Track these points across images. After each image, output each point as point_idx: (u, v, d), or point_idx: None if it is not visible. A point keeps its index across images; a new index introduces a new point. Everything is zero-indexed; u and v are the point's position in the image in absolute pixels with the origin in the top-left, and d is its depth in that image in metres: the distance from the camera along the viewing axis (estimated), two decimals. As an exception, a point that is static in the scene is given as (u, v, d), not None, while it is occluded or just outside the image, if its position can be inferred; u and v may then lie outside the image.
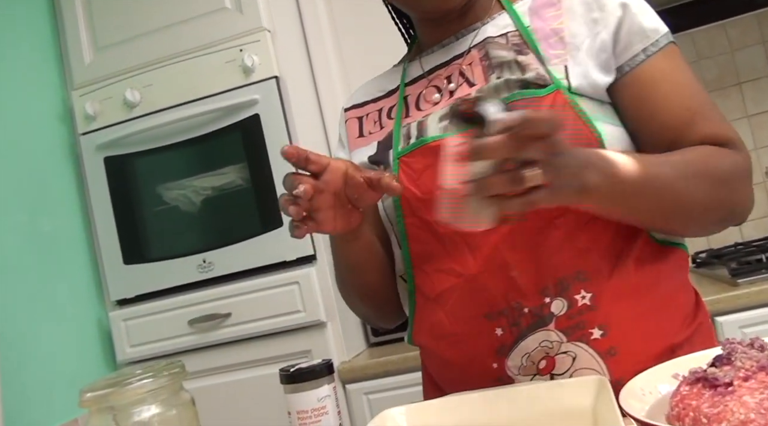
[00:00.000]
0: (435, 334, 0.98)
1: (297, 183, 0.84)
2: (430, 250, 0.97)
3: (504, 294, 0.91)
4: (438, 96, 1.02)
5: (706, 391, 0.62)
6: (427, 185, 0.94)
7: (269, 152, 2.01)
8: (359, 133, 1.10)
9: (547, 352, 0.90)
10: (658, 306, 0.92)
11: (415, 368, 1.87)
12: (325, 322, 1.97)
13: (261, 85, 2.03)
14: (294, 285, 1.97)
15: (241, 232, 2.03)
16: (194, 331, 2.05)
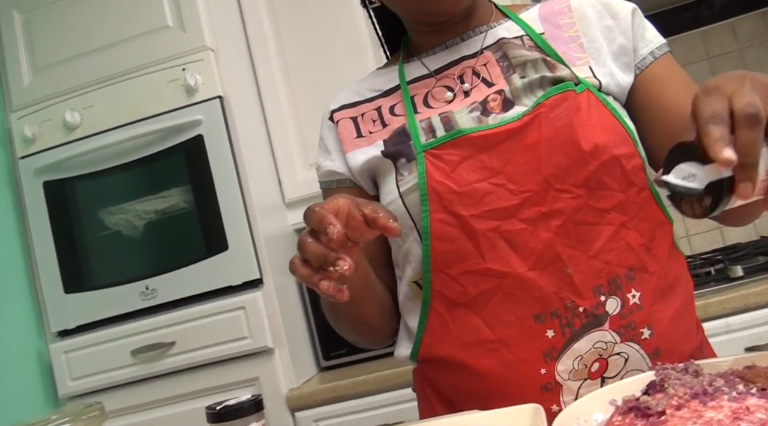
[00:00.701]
0: (466, 343, 0.91)
1: (333, 257, 0.74)
2: (458, 249, 0.90)
3: (556, 292, 0.87)
4: (450, 94, 0.99)
5: (639, 421, 0.58)
6: (464, 178, 0.90)
7: (213, 174, 1.96)
8: (357, 133, 1.05)
9: (601, 354, 0.87)
10: (685, 306, 0.93)
11: (366, 392, 1.84)
12: (273, 348, 1.91)
13: (204, 105, 1.98)
14: (240, 310, 1.91)
15: (184, 257, 1.97)
16: (138, 361, 1.97)
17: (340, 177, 1.06)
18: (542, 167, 0.88)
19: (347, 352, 2.09)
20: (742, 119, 0.59)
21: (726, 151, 0.57)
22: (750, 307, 1.67)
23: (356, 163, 1.02)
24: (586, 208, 0.88)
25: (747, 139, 0.58)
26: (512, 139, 0.90)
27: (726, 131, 0.59)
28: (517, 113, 0.91)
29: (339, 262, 0.74)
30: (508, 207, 0.88)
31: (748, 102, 0.59)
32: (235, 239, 1.93)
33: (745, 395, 0.55)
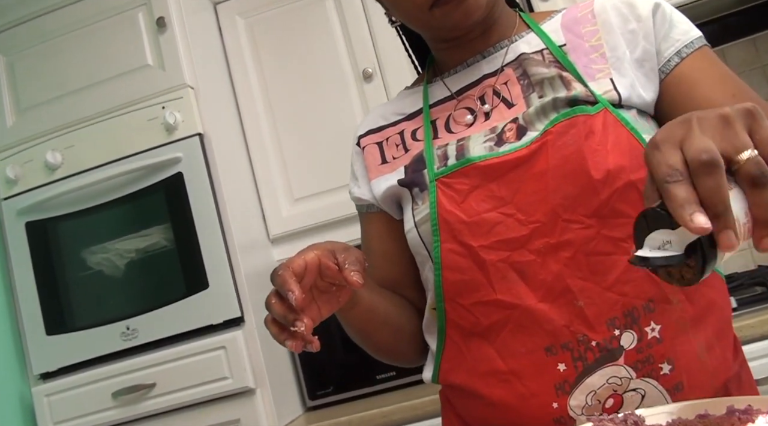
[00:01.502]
0: (481, 372, 0.89)
1: (291, 318, 0.80)
2: (468, 280, 0.88)
3: (567, 325, 0.84)
4: (471, 117, 0.97)
5: (569, 480, 0.53)
6: (473, 208, 0.88)
7: (193, 211, 1.93)
8: (381, 159, 1.03)
9: (615, 390, 0.83)
10: (718, 335, 0.87)
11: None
12: (254, 388, 1.87)
13: (183, 142, 1.97)
14: (220, 350, 1.87)
15: (165, 296, 1.94)
16: (118, 404, 1.93)
17: (367, 203, 1.06)
18: (549, 197, 0.85)
19: (334, 390, 2.04)
20: (699, 168, 0.53)
21: (696, 217, 0.51)
22: (745, 340, 1.61)
23: (379, 191, 1.01)
24: (599, 237, 0.84)
25: (710, 187, 0.53)
26: (521, 168, 0.87)
27: (688, 188, 0.53)
28: (528, 140, 0.88)
29: (297, 323, 0.79)
30: (518, 238, 0.86)
31: (701, 148, 0.53)
32: (216, 277, 1.90)
33: (684, 450, 0.50)
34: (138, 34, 2.04)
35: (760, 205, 0.53)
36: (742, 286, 1.87)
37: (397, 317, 1.03)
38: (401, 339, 1.03)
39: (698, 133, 0.55)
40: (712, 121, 0.55)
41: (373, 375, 2.02)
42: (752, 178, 0.52)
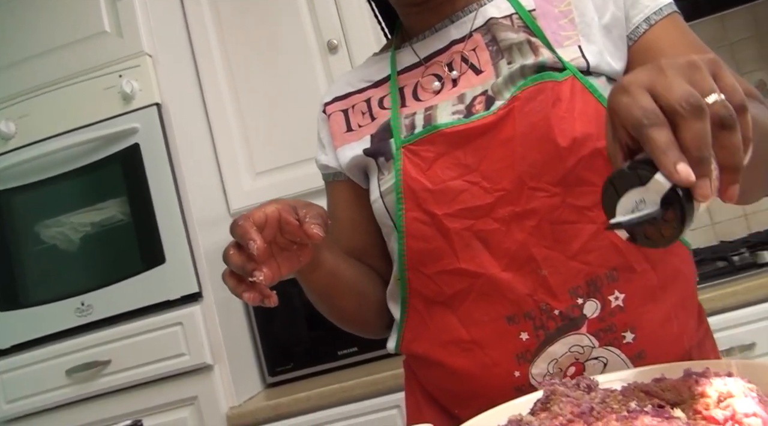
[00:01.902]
0: (443, 341, 0.89)
1: (250, 268, 0.78)
2: (432, 248, 0.88)
3: (530, 294, 0.83)
4: (438, 84, 0.95)
5: (517, 445, 0.51)
6: (438, 175, 0.87)
7: (150, 184, 1.88)
8: (347, 127, 1.01)
9: (577, 358, 0.83)
10: (681, 304, 0.87)
11: (309, 409, 1.77)
12: (212, 364, 1.83)
13: (141, 112, 1.90)
14: (177, 326, 1.83)
15: (121, 271, 1.89)
16: (73, 381, 1.88)
17: (334, 171, 1.04)
18: (515, 165, 0.84)
19: (294, 366, 2.01)
20: (687, 111, 0.49)
21: (682, 166, 0.48)
22: (706, 314, 1.58)
23: (345, 160, 1.00)
24: (564, 206, 0.83)
25: (696, 131, 0.49)
26: (487, 135, 0.86)
27: (669, 132, 0.49)
28: (495, 108, 0.87)
29: (255, 273, 0.78)
30: (482, 206, 0.85)
31: (686, 91, 0.50)
32: (173, 252, 1.85)
33: (637, 413, 0.48)
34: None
35: (727, 147, 0.50)
36: (704, 261, 1.89)
37: (363, 285, 1.02)
38: (366, 307, 1.03)
39: (672, 77, 0.52)
40: (680, 66, 0.52)
41: (334, 351, 1.99)
42: (721, 119, 0.50)
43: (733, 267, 1.80)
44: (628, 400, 0.51)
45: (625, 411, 0.49)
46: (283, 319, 2.03)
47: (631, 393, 0.54)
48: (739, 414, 0.47)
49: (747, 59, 2.28)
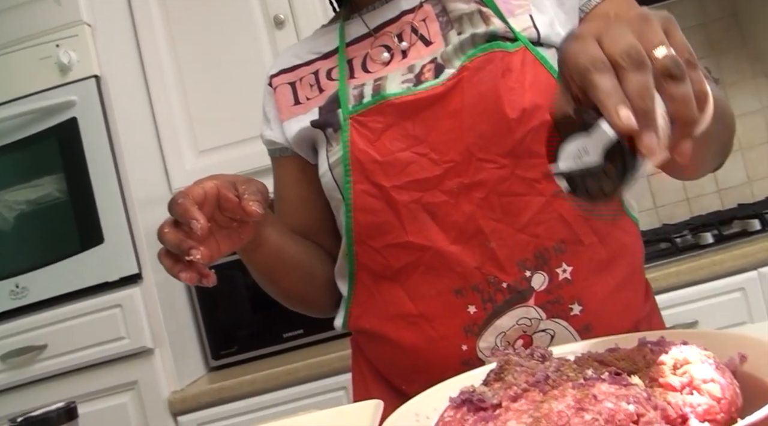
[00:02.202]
0: (390, 315, 0.88)
1: (186, 246, 0.74)
2: (380, 221, 0.86)
3: (478, 267, 0.83)
4: (387, 55, 0.93)
5: (470, 415, 0.49)
6: (387, 147, 0.85)
7: (88, 160, 1.80)
8: (294, 100, 0.98)
9: (524, 331, 0.83)
10: (628, 278, 0.88)
11: (254, 392, 1.74)
12: (153, 348, 1.78)
13: (79, 84, 1.83)
14: (116, 308, 1.77)
15: (58, 252, 1.81)
16: (7, 367, 1.80)
17: (280, 147, 1.01)
18: (464, 136, 0.83)
19: (238, 350, 1.96)
20: (628, 63, 0.48)
21: (623, 110, 0.47)
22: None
23: (292, 133, 0.97)
24: (512, 178, 0.82)
25: (637, 82, 0.48)
26: (436, 106, 0.84)
27: (614, 79, 0.48)
28: (444, 77, 0.85)
29: (192, 252, 0.74)
30: (430, 178, 0.84)
31: (629, 43, 0.49)
32: (112, 231, 1.78)
33: (594, 381, 0.46)
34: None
35: (677, 99, 0.49)
36: (648, 243, 1.91)
37: (309, 263, 0.99)
38: (313, 286, 1.01)
39: (619, 28, 0.51)
40: (631, 18, 0.52)
41: (279, 333, 1.95)
42: (668, 70, 0.49)
43: (676, 248, 1.83)
44: (584, 369, 0.49)
45: (581, 379, 0.47)
46: (227, 302, 1.98)
47: (586, 362, 0.53)
48: (696, 380, 0.46)
49: (693, 47, 2.29)
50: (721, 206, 2.30)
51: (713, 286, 1.68)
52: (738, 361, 0.51)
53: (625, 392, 0.45)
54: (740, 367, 0.51)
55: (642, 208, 2.32)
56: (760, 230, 1.81)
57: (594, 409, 0.44)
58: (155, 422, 1.76)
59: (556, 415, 0.44)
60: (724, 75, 2.33)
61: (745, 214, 1.91)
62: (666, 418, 0.44)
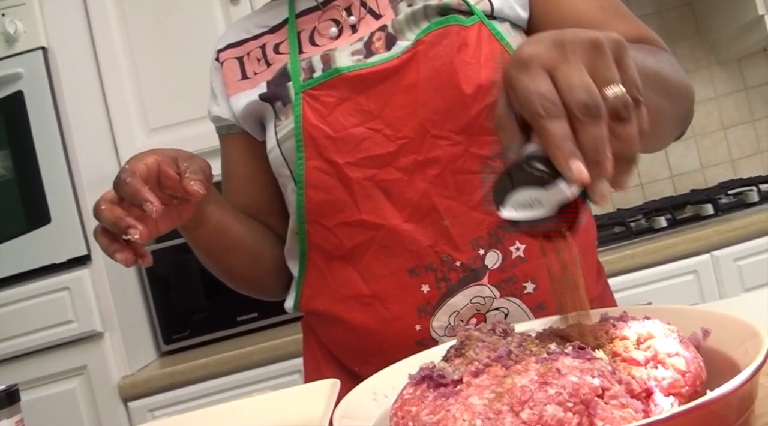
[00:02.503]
0: (343, 296, 0.86)
1: (124, 224, 0.72)
2: (333, 199, 0.84)
3: (432, 246, 0.81)
4: (335, 30, 0.91)
5: (430, 392, 0.47)
6: (340, 122, 0.83)
7: (35, 137, 1.74)
8: (242, 75, 0.95)
9: (478, 310, 0.82)
10: (581, 256, 0.83)
11: (206, 377, 1.71)
12: (102, 332, 1.73)
13: (25, 56, 1.77)
14: (64, 291, 1.72)
15: (2, 232, 1.75)
16: (-53, 352, 1.74)
17: (227, 123, 0.99)
18: (418, 111, 0.81)
19: (191, 333, 1.93)
20: (585, 115, 0.45)
21: (575, 164, 0.45)
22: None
23: (239, 108, 0.94)
24: (466, 155, 0.81)
25: (593, 135, 0.45)
26: (390, 80, 0.82)
27: (565, 126, 0.46)
28: (398, 50, 0.83)
29: (130, 231, 0.71)
30: (384, 154, 0.82)
31: (584, 88, 0.46)
32: (60, 211, 1.72)
33: (558, 355, 0.45)
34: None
35: (623, 139, 0.47)
36: (602, 227, 1.94)
37: (256, 243, 0.97)
38: (261, 267, 0.98)
39: (572, 62, 0.47)
40: (584, 46, 0.48)
41: (233, 317, 1.92)
42: (618, 113, 0.47)
43: (630, 232, 1.85)
44: (547, 344, 0.48)
45: (544, 353, 0.46)
46: (179, 284, 1.94)
47: (548, 338, 0.52)
48: (661, 354, 0.45)
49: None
50: (674, 192, 2.33)
51: (667, 269, 1.71)
52: (701, 336, 0.50)
53: (589, 366, 0.43)
54: (704, 342, 0.50)
55: (597, 193, 2.34)
56: (713, 215, 1.84)
57: (558, 383, 0.42)
58: (105, 408, 1.72)
59: (520, 390, 0.42)
60: (679, 63, 2.34)
61: (698, 199, 1.94)
62: (631, 392, 0.43)
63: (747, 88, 2.36)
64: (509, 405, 0.41)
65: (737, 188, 2.02)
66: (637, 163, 0.50)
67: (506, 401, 0.42)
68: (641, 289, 1.70)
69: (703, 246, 1.72)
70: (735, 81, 2.36)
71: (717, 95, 2.36)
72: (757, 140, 2.36)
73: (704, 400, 0.36)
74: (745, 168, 2.35)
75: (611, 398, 0.42)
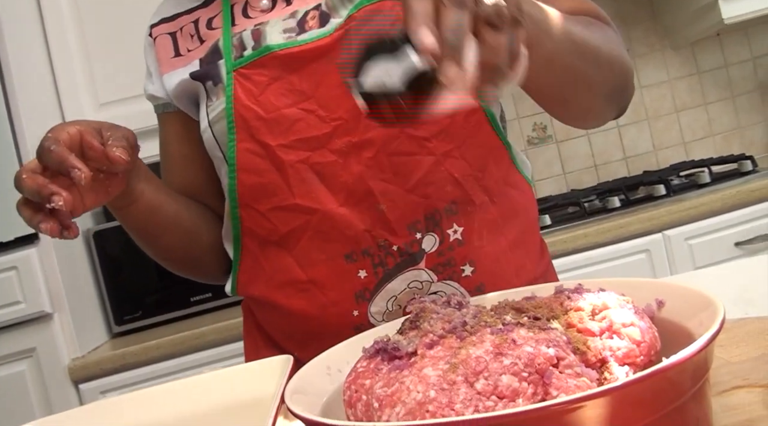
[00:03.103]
0: (278, 283, 0.84)
1: (47, 192, 0.69)
2: (266, 183, 0.81)
3: (368, 230, 0.79)
4: (267, 2, 0.88)
5: (384, 365, 0.46)
6: (272, 102, 0.80)
7: (-23, 109, 1.67)
8: (175, 52, 0.91)
9: (416, 294, 0.81)
10: (522, 236, 0.87)
11: (159, 358, 1.68)
12: (51, 313, 1.69)
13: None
14: (12, 271, 1.67)
15: (-57, 210, 1.68)
16: None
17: (163, 102, 0.95)
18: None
19: (143, 314, 1.89)
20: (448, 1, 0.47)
21: (427, 36, 0.46)
22: (557, 254, 1.72)
23: (171, 86, 0.90)
24: (402, 137, 0.79)
25: (453, 18, 0.47)
26: (323, 59, 0.80)
27: (430, 7, 0.47)
28: (331, 27, 0.80)
29: (54, 198, 0.68)
30: (318, 136, 0.80)
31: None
32: (5, 187, 1.65)
33: (513, 326, 0.45)
34: None
35: (489, 46, 0.48)
36: (556, 207, 1.96)
37: (192, 223, 0.94)
38: (198, 248, 0.95)
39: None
40: None
41: (187, 297, 1.88)
42: (489, 19, 0.48)
43: (584, 212, 1.87)
44: (502, 315, 0.48)
45: (500, 324, 0.45)
46: (131, 264, 1.89)
47: (503, 310, 0.51)
48: (616, 324, 0.45)
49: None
50: (627, 173, 2.37)
51: (620, 248, 1.74)
52: (656, 307, 0.51)
53: (544, 336, 0.43)
54: (658, 313, 0.50)
55: (551, 174, 2.37)
56: (665, 195, 1.88)
57: (513, 354, 0.42)
58: (55, 391, 1.68)
59: (474, 360, 0.42)
60: (633, 47, 2.38)
61: (651, 180, 1.98)
62: (586, 361, 0.43)
63: (700, 72, 2.40)
64: (464, 375, 0.41)
65: (689, 170, 2.06)
66: (507, 81, 0.51)
67: (461, 372, 0.41)
68: (595, 267, 1.73)
69: (656, 226, 1.75)
70: (688, 65, 2.40)
71: (670, 79, 2.40)
72: (709, 123, 2.41)
73: (659, 367, 0.35)
74: (697, 150, 2.40)
75: (566, 367, 0.41)
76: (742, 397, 0.47)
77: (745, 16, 2.01)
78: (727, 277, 0.95)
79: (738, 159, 2.00)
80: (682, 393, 0.38)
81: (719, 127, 2.41)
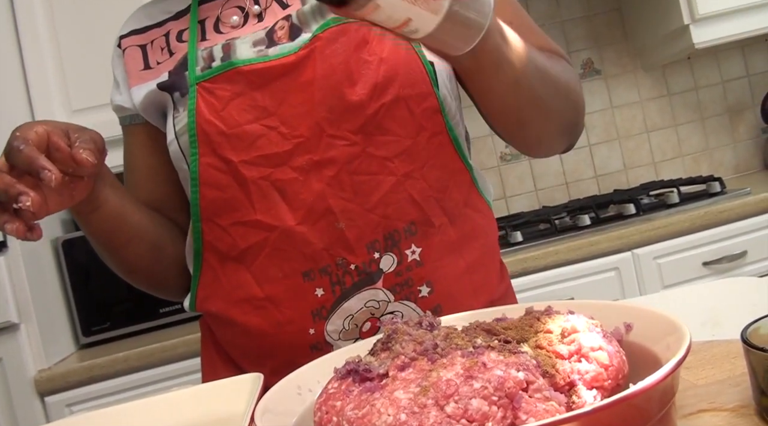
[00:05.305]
0: (236, 299, 0.84)
1: (14, 192, 0.68)
2: (228, 198, 0.82)
3: (327, 249, 0.80)
4: (237, 18, 0.88)
5: (356, 386, 0.47)
6: (234, 118, 0.81)
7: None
8: (144, 64, 0.92)
9: (373, 313, 0.81)
10: (478, 262, 0.87)
11: (127, 370, 1.65)
12: (18, 323, 1.65)
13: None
14: (-23, 280, 1.63)
15: None
16: None
17: (130, 113, 0.95)
18: (315, 110, 0.79)
19: (112, 325, 1.86)
20: None
21: None
22: (528, 271, 1.74)
23: (139, 97, 0.90)
24: (363, 156, 0.80)
25: None
26: (287, 76, 0.80)
27: None
28: (297, 44, 0.81)
29: (21, 198, 0.68)
30: (280, 153, 0.80)
31: None
32: (-28, 195, 1.63)
33: (483, 349, 0.45)
34: None
35: None
36: (528, 223, 1.98)
37: (157, 235, 0.93)
38: (161, 262, 0.94)
39: None
40: None
41: (156, 308, 1.86)
42: None
43: (555, 229, 1.89)
44: (473, 338, 0.48)
45: (470, 347, 0.46)
46: (99, 274, 1.86)
47: (474, 331, 0.52)
48: (584, 348, 0.46)
49: (576, 38, 2.39)
50: (598, 191, 2.40)
51: (589, 266, 1.76)
52: (624, 331, 0.51)
53: (514, 360, 0.43)
54: (626, 336, 0.51)
55: (523, 190, 2.40)
56: (635, 214, 1.90)
57: (483, 377, 0.42)
58: (20, 403, 1.64)
59: (445, 383, 0.42)
60: (605, 67, 2.42)
61: (621, 198, 2.00)
62: (554, 385, 0.44)
63: (670, 94, 2.44)
64: (434, 399, 0.41)
65: (659, 189, 2.09)
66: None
67: (431, 395, 0.41)
68: (564, 284, 1.74)
69: (625, 244, 1.77)
70: (659, 87, 2.44)
71: (641, 99, 2.43)
72: (679, 144, 2.45)
73: (626, 393, 0.36)
74: (667, 170, 2.44)
75: (535, 391, 0.42)
76: (707, 420, 0.48)
77: (715, 41, 2.06)
78: (695, 299, 0.97)
79: (706, 180, 2.03)
80: (648, 418, 0.39)
81: (689, 148, 2.45)
